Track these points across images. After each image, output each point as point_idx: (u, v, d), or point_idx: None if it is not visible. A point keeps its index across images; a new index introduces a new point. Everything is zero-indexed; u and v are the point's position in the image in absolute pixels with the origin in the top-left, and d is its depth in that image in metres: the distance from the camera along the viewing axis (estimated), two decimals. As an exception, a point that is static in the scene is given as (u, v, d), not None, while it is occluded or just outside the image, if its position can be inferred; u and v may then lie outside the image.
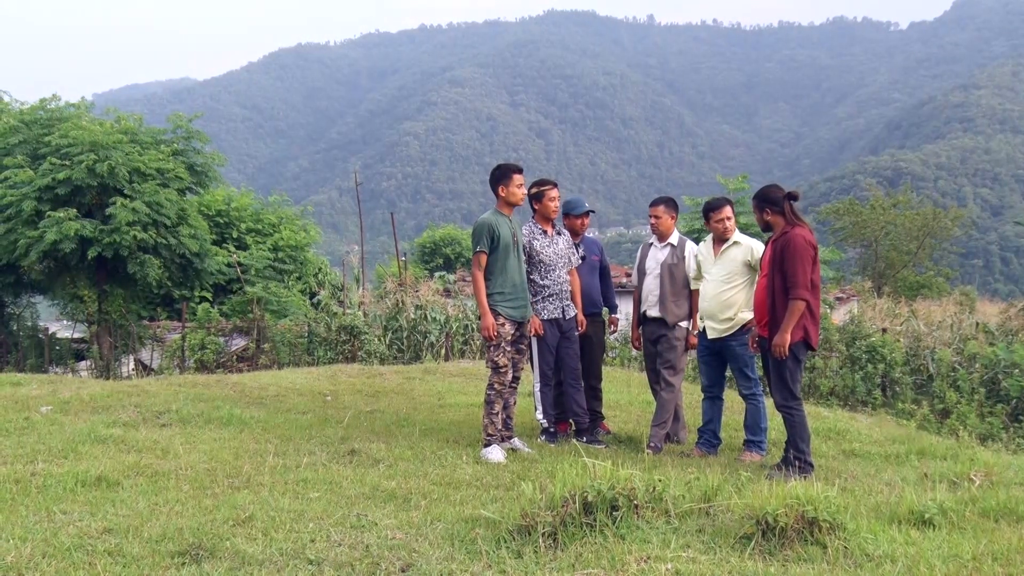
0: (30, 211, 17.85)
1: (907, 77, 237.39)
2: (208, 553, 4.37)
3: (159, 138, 20.61)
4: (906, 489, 5.63)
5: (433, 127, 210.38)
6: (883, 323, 17.55)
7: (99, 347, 19.61)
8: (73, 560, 4.28)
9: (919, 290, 32.96)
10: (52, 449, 6.83)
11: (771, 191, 6.77)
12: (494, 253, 7.16)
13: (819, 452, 7.52)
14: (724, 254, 7.28)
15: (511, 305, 7.16)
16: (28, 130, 19.51)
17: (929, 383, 14.29)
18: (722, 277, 7.22)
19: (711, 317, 7.26)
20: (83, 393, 9.13)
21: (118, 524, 4.85)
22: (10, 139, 19.33)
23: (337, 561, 4.27)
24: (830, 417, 9.38)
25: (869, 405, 13.06)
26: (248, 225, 26.71)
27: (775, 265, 6.48)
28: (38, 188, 17.94)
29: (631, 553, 4.11)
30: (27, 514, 5.08)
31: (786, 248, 6.41)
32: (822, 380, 13.42)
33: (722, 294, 7.18)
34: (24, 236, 17.84)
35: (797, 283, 6.34)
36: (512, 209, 7.36)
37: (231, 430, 7.77)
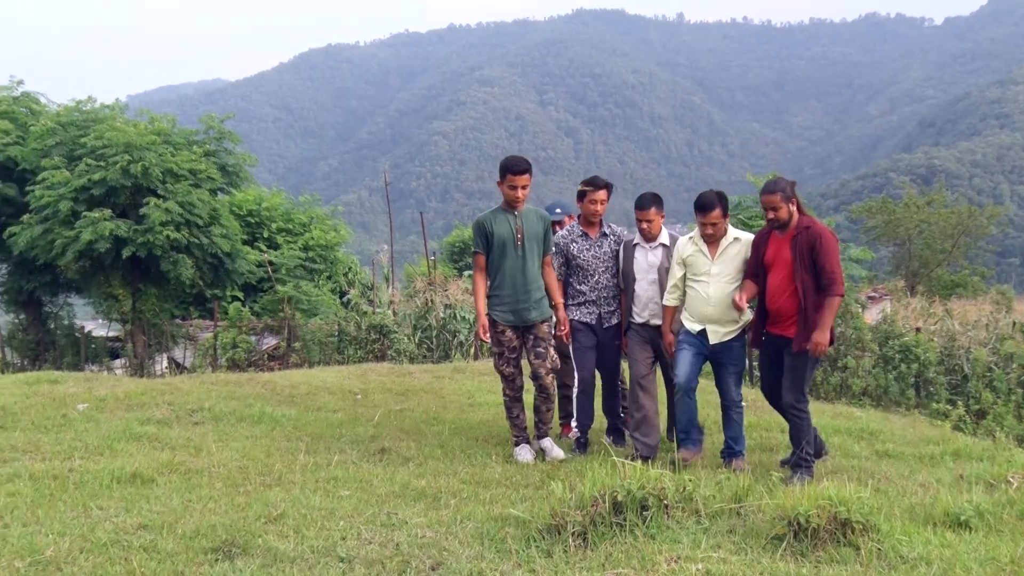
0: (67, 212, 18.05)
1: (941, 73, 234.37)
2: (241, 550, 4.42)
3: (191, 139, 20.76)
4: (941, 491, 5.55)
5: (462, 127, 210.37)
6: (917, 322, 17.34)
7: (133, 345, 19.81)
8: (109, 555, 4.35)
9: (954, 289, 32.51)
10: (88, 446, 6.91)
11: (789, 183, 6.46)
12: (491, 253, 6.86)
13: (852, 453, 7.41)
14: (724, 252, 6.65)
15: (504, 308, 6.81)
16: (64, 132, 19.70)
17: (964, 383, 14.08)
18: (727, 278, 6.62)
19: (716, 321, 6.63)
20: (118, 391, 9.19)
21: (153, 520, 4.91)
22: (47, 141, 19.55)
23: (368, 559, 4.30)
24: (863, 417, 9.27)
25: (902, 405, 12.90)
26: (279, 225, 26.85)
27: (802, 261, 6.16)
28: (74, 189, 18.12)
29: (661, 553, 4.10)
30: (65, 509, 5.16)
31: (819, 242, 6.12)
32: (854, 380, 13.26)
33: (730, 296, 6.56)
34: (61, 236, 18.04)
35: (836, 279, 6.08)
36: (517, 206, 6.80)
37: (263, 428, 7.80)
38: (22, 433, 7.39)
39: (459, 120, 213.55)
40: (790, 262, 6.24)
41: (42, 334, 22.44)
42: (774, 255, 6.38)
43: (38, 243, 18.38)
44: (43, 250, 18.44)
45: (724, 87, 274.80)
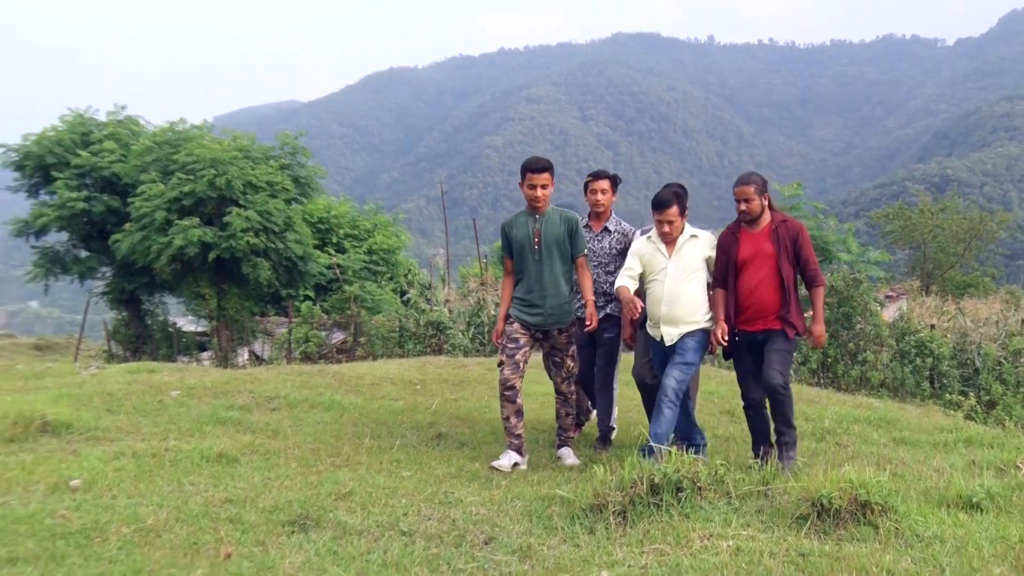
0: (161, 220, 18.37)
1: (953, 90, 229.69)
2: (314, 523, 4.47)
3: (269, 154, 20.97)
4: (954, 475, 5.45)
5: (511, 140, 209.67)
6: (931, 320, 17.05)
7: (218, 339, 20.06)
8: (200, 525, 4.43)
9: (966, 289, 31.89)
10: (181, 428, 6.99)
11: (761, 177, 5.95)
12: (513, 256, 6.22)
13: (871, 440, 7.31)
14: (681, 250, 5.84)
15: (524, 311, 6.11)
16: (160, 150, 20.03)
17: (975, 376, 13.85)
18: (683, 275, 5.81)
19: (670, 322, 5.78)
20: (206, 380, 9.25)
21: (237, 495, 4.97)
22: (145, 158, 19.92)
23: (427, 533, 4.34)
24: (881, 407, 9.13)
25: (918, 396, 12.72)
26: (346, 231, 27.03)
27: (786, 253, 5.69)
28: (168, 200, 18.43)
29: (695, 531, 4.10)
30: (162, 484, 5.25)
31: (800, 235, 5.72)
32: (873, 373, 13.09)
33: (687, 294, 5.79)
34: (156, 242, 18.36)
35: (819, 271, 5.74)
36: (540, 208, 6.11)
37: (332, 414, 7.82)
38: (125, 416, 7.49)
39: (508, 135, 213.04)
40: (773, 255, 5.71)
41: (141, 329, 22.80)
42: (752, 251, 5.78)
43: (137, 248, 18.73)
44: (141, 254, 18.79)
45: (752, 103, 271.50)
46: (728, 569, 3.71)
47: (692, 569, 3.72)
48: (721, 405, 8.67)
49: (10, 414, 6.67)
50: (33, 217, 21.56)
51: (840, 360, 13.28)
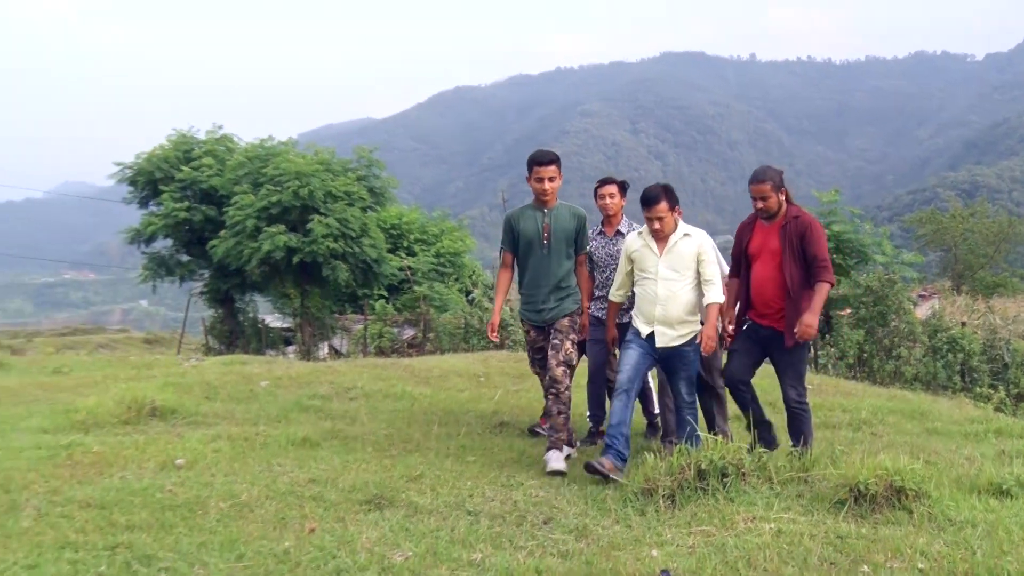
0: (252, 227, 18.72)
1: (983, 102, 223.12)
2: (388, 502, 4.50)
3: (347, 167, 21.20)
4: (985, 463, 5.34)
5: (567, 152, 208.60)
6: (962, 318, 16.66)
7: (302, 335, 20.37)
8: (287, 502, 4.50)
9: (995, 289, 31.03)
10: (269, 415, 7.09)
11: (777, 172, 5.38)
12: (519, 250, 5.72)
13: (905, 430, 7.16)
14: (673, 249, 5.27)
15: (528, 307, 5.69)
16: (251, 164, 20.40)
17: (1005, 371, 13.53)
18: (676, 276, 5.24)
19: (665, 323, 5.22)
20: (291, 372, 9.35)
21: (319, 476, 5.03)
22: (238, 172, 20.31)
23: (491, 513, 4.36)
24: (914, 400, 8.94)
25: (949, 389, 12.44)
26: (416, 236, 27.17)
27: (791, 250, 5.17)
28: (257, 209, 18.77)
29: (739, 514, 4.06)
30: (253, 464, 5.33)
31: (809, 231, 5.16)
32: (907, 367, 12.83)
33: (680, 295, 5.22)
34: (247, 247, 18.71)
35: (827, 266, 5.14)
36: (549, 202, 5.63)
37: (404, 404, 7.84)
38: (221, 403, 7.63)
39: (564, 147, 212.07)
40: (778, 252, 5.22)
41: (234, 325, 23.21)
42: (760, 245, 5.34)
43: (231, 252, 19.11)
44: (234, 258, 19.16)
45: (791, 115, 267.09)
46: (770, 549, 3.67)
47: (736, 549, 3.68)
48: (763, 397, 8.52)
49: (125, 400, 6.86)
50: (143, 226, 22.18)
51: (876, 355, 13.04)
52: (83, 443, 5.84)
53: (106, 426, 6.48)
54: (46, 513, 4.26)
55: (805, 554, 3.63)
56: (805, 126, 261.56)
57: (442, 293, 22.57)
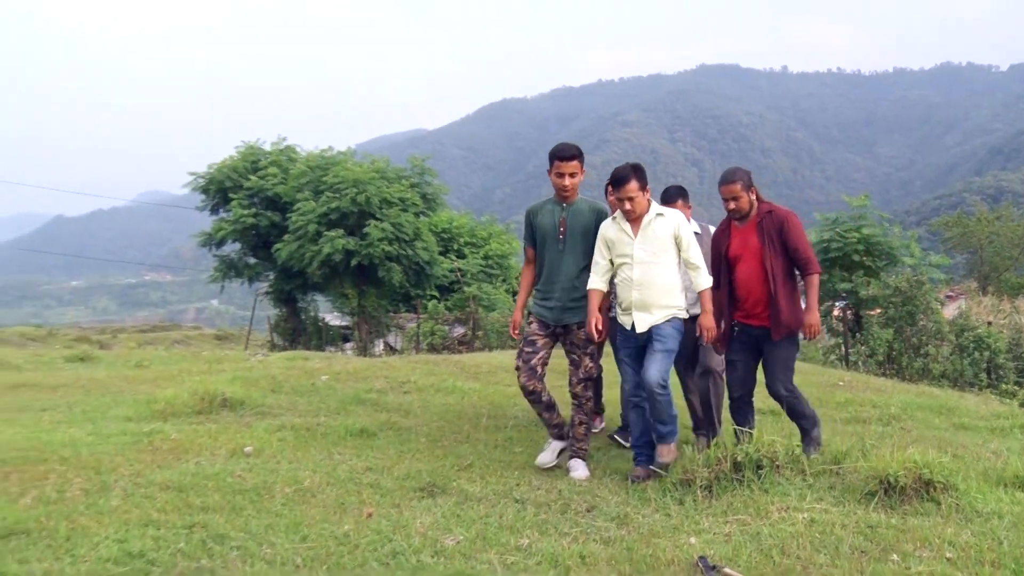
0: (313, 232, 18.97)
1: (1007, 111, 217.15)
2: (440, 490, 4.52)
3: (401, 174, 21.37)
4: (1011, 457, 5.18)
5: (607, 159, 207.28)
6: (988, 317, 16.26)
7: (359, 332, 20.58)
8: (347, 488, 4.54)
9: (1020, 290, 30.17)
10: (329, 407, 7.12)
11: (746, 172, 5.08)
12: (537, 245, 5.21)
13: (932, 425, 6.99)
14: (647, 230, 4.80)
15: (542, 305, 5.14)
16: (312, 173, 20.67)
17: (1030, 367, 13.22)
18: (652, 257, 4.77)
19: (643, 308, 4.76)
20: (349, 367, 9.39)
21: (376, 464, 5.07)
22: (301, 180, 20.61)
23: (537, 501, 4.35)
24: (942, 396, 8.72)
25: (976, 386, 12.14)
26: (465, 239, 27.28)
27: (771, 245, 4.88)
28: (318, 215, 19.01)
29: (773, 504, 4.01)
30: (315, 453, 5.38)
31: (785, 224, 4.88)
32: (935, 365, 12.55)
33: (657, 278, 4.76)
34: (309, 250, 18.96)
35: (811, 257, 4.86)
36: (569, 197, 5.05)
37: (455, 397, 7.83)
38: (285, 396, 7.69)
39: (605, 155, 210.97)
40: (759, 249, 4.92)
41: (296, 323, 23.53)
42: (741, 246, 5.00)
43: (294, 255, 19.38)
44: (297, 260, 19.43)
45: (821, 124, 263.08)
46: (803, 538, 3.62)
47: (771, 537, 3.64)
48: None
49: (199, 392, 6.98)
50: (214, 231, 22.64)
51: (904, 353, 12.78)
52: (162, 431, 5.97)
53: (182, 416, 6.61)
54: (131, 494, 4.36)
55: (837, 543, 3.57)
56: (835, 134, 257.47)
57: (490, 293, 22.64)
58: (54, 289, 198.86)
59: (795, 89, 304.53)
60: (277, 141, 24.12)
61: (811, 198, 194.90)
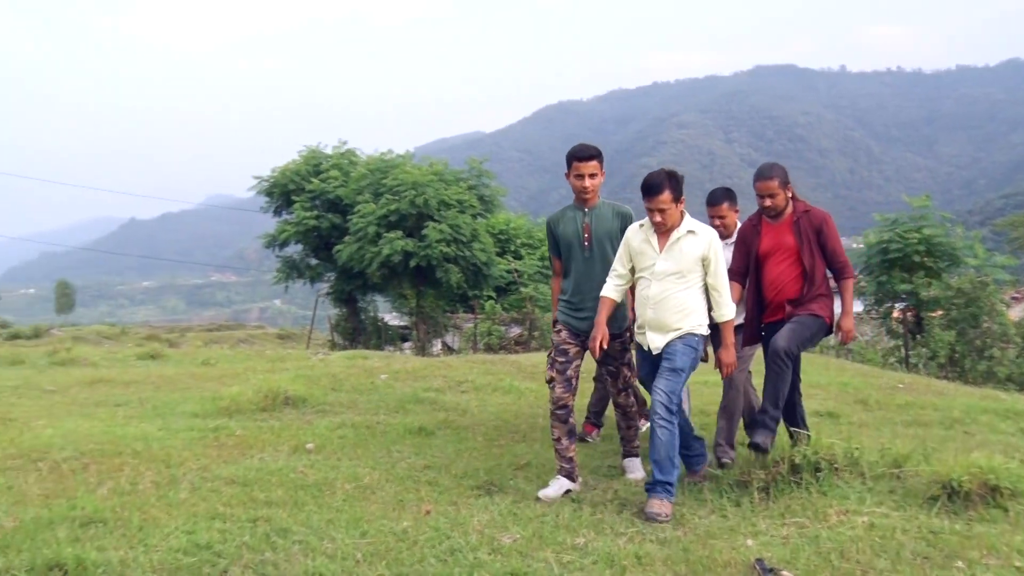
0: (372, 233, 19.15)
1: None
2: (497, 488, 4.55)
3: (459, 177, 21.40)
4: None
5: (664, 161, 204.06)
6: (1057, 320, 15.65)
7: (417, 332, 20.72)
8: (405, 485, 4.60)
9: (1090, 291, 29.04)
10: (388, 405, 7.20)
11: (783, 168, 4.88)
12: (562, 255, 4.90)
13: (998, 429, 6.71)
14: (675, 246, 4.35)
15: (572, 315, 4.78)
16: (372, 175, 20.88)
17: (1101, 373, 12.66)
18: (673, 276, 4.33)
19: (655, 327, 4.36)
20: (407, 366, 9.42)
21: (434, 462, 5.11)
22: (361, 183, 20.84)
23: (593, 501, 4.34)
24: (1008, 400, 8.38)
25: (1044, 390, 11.71)
26: (522, 240, 27.22)
27: (808, 245, 4.66)
28: (378, 217, 19.19)
29: (831, 507, 3.91)
30: (374, 450, 5.46)
31: (824, 225, 4.69)
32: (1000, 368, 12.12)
33: (673, 298, 4.32)
34: (369, 251, 19.15)
35: (847, 262, 4.72)
36: (590, 200, 4.74)
37: (511, 397, 7.82)
38: (345, 394, 7.79)
39: (661, 156, 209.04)
40: (794, 248, 4.70)
41: (356, 323, 23.80)
42: (772, 244, 4.77)
43: (354, 256, 19.60)
44: (357, 261, 19.64)
45: (881, 124, 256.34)
46: (863, 542, 3.53)
47: (829, 541, 3.56)
48: (855, 395, 8.22)
49: (262, 389, 7.13)
50: (277, 232, 23.07)
51: (967, 355, 12.37)
52: (228, 427, 6.12)
53: (246, 412, 6.76)
54: (199, 487, 4.49)
55: (898, 548, 3.47)
56: (894, 134, 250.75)
57: (546, 294, 22.55)
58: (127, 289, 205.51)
59: (853, 89, 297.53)
60: (338, 145, 24.43)
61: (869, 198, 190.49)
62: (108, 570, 3.23)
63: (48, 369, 11.31)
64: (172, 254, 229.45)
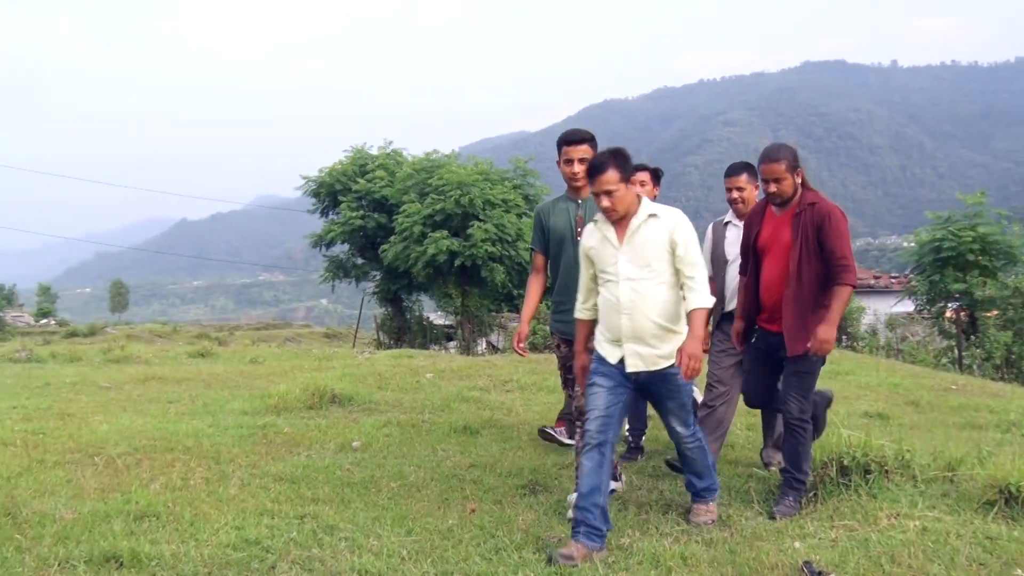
0: (418, 233, 19.30)
1: None
2: (542, 487, 4.53)
3: (504, 176, 21.45)
4: None
5: (710, 159, 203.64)
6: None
7: (462, 331, 20.79)
8: (450, 484, 4.61)
9: None
10: (434, 404, 7.22)
11: (792, 150, 4.21)
12: (550, 250, 4.45)
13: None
14: (635, 236, 3.67)
15: (558, 318, 4.42)
16: (417, 175, 21.03)
17: None
18: (643, 272, 3.65)
19: (635, 339, 3.66)
20: (452, 365, 9.53)
21: (479, 461, 5.11)
22: (407, 182, 21.00)
23: (638, 501, 4.32)
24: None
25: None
26: (567, 240, 27.19)
27: (805, 243, 4.03)
28: (423, 216, 19.33)
29: (882, 510, 3.81)
30: (419, 449, 5.49)
31: (827, 221, 4.00)
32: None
33: (649, 297, 3.64)
34: (414, 251, 19.31)
35: (848, 265, 3.97)
36: (582, 189, 4.29)
37: (556, 396, 7.64)
38: (391, 392, 7.89)
39: (707, 154, 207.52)
40: (789, 246, 4.10)
41: (402, 322, 23.98)
42: (770, 237, 4.20)
43: (400, 256, 19.77)
44: (403, 261, 19.81)
45: (934, 119, 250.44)
46: (915, 547, 3.43)
47: (880, 545, 3.47)
48: (906, 396, 8.05)
49: (309, 388, 7.23)
50: (324, 232, 23.37)
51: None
52: (275, 424, 6.22)
53: (294, 410, 6.86)
54: (248, 483, 4.57)
55: (952, 553, 3.37)
56: (948, 129, 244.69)
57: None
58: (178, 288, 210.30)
59: (905, 84, 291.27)
60: (384, 145, 24.67)
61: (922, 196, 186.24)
62: (161, 563, 3.30)
63: (103, 366, 11.62)
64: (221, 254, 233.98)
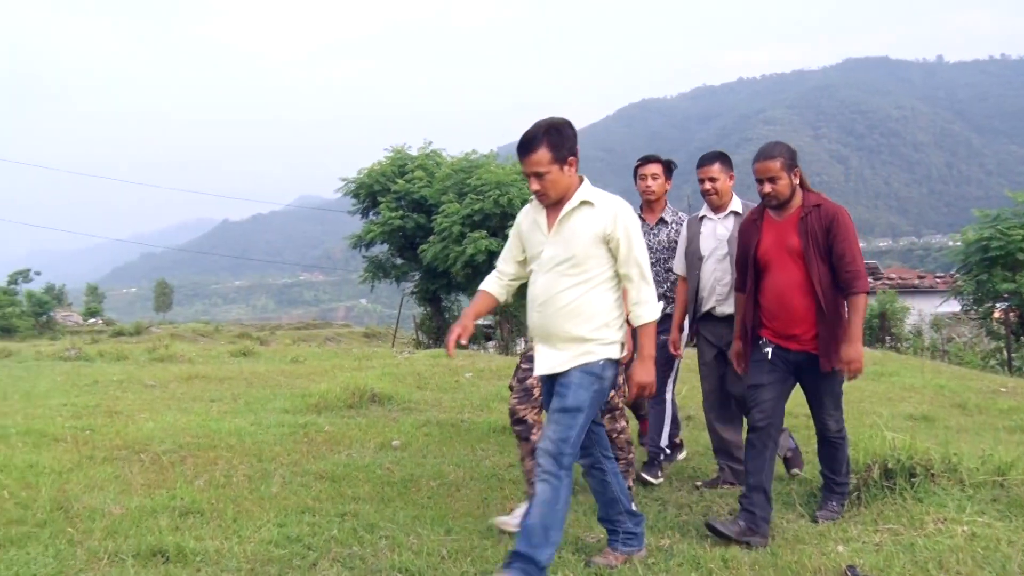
0: (457, 233, 19.41)
1: None
2: (581, 489, 4.44)
3: (542, 176, 21.51)
4: None
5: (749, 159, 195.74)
6: None
7: (501, 331, 20.85)
8: (490, 483, 4.64)
9: None
10: (473, 404, 7.29)
11: (789, 148, 3.98)
12: None
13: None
14: (565, 224, 3.16)
15: None
16: (456, 176, 21.15)
17: None
18: (563, 266, 3.13)
19: (546, 338, 3.18)
20: (491, 365, 9.59)
21: (517, 461, 5.05)
22: (446, 183, 21.13)
23: (678, 502, 4.30)
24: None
25: None
26: (605, 239, 27.13)
27: (816, 248, 3.73)
28: (462, 216, 19.43)
29: (928, 514, 3.72)
30: (459, 448, 5.53)
31: (835, 223, 3.72)
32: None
33: (562, 298, 3.11)
34: (453, 251, 19.42)
35: (859, 271, 3.68)
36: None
37: None
38: (431, 392, 7.97)
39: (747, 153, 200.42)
40: (799, 252, 3.77)
41: (441, 321, 24.07)
42: (774, 245, 3.86)
43: (439, 256, 19.90)
44: (441, 261, 19.93)
45: (982, 115, 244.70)
46: (964, 552, 3.35)
47: (926, 549, 3.40)
48: (952, 398, 7.89)
49: (349, 387, 7.31)
50: (364, 233, 23.57)
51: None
52: (316, 423, 6.29)
53: (334, 409, 6.94)
54: (289, 481, 4.63)
55: (1003, 560, 3.28)
56: (996, 125, 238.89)
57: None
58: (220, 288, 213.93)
59: (951, 79, 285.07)
60: (423, 146, 24.82)
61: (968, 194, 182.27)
62: (205, 559, 3.36)
63: (148, 365, 11.85)
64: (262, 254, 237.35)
